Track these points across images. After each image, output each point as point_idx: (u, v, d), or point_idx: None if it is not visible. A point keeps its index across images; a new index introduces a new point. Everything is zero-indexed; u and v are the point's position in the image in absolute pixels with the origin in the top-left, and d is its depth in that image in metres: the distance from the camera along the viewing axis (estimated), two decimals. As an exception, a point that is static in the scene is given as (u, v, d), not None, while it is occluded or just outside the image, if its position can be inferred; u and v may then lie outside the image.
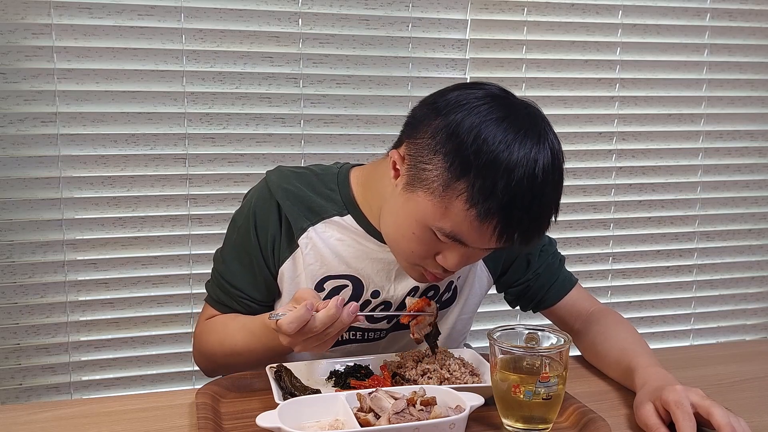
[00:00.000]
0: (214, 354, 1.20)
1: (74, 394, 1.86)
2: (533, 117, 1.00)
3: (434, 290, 1.20)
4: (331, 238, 1.15)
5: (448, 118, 0.97)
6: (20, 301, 1.80)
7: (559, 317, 1.28)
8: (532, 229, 0.98)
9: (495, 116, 0.96)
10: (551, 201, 0.99)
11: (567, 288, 1.27)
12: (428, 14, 2.00)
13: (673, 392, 0.93)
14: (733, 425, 0.88)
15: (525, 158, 0.94)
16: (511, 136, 0.94)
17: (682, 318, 2.37)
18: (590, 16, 2.14)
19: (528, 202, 0.95)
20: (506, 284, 1.29)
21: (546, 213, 0.99)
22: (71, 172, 1.80)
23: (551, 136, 1.00)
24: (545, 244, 1.28)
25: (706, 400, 0.91)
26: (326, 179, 1.18)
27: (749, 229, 2.38)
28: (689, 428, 0.89)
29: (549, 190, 0.98)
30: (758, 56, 2.29)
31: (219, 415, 0.98)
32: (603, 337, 1.17)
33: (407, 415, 0.87)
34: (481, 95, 0.99)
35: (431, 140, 0.98)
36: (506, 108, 0.98)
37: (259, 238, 1.17)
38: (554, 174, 0.98)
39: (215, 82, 1.86)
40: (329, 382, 1.06)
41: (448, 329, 1.25)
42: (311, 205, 1.16)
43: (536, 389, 0.89)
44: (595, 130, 2.20)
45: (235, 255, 1.20)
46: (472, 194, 0.94)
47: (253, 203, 1.19)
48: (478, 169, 0.93)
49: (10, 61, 1.72)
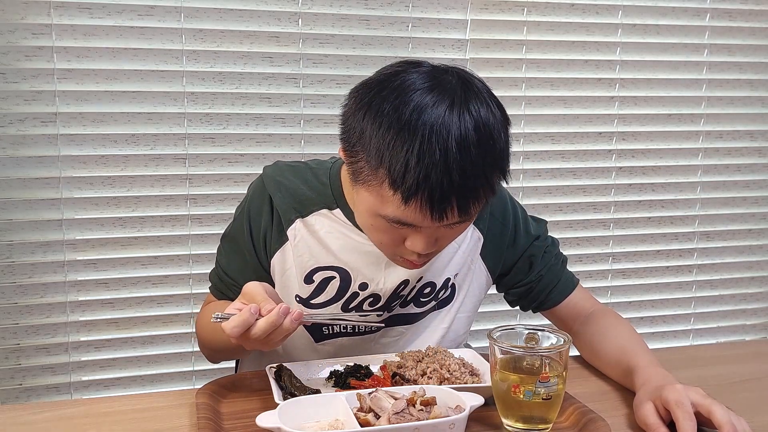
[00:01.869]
0: (204, 339, 1.23)
1: (74, 394, 1.86)
2: (449, 89, 0.95)
3: (431, 287, 1.20)
4: (320, 230, 1.16)
5: (358, 113, 0.98)
6: (20, 301, 1.80)
7: (560, 318, 1.28)
8: (465, 201, 0.95)
9: (403, 98, 0.94)
10: (478, 169, 0.93)
11: (569, 289, 1.27)
12: (428, 14, 2.00)
13: (674, 391, 0.92)
14: (734, 424, 0.88)
15: (432, 132, 0.91)
16: (415, 116, 0.92)
17: (682, 318, 2.37)
18: (590, 16, 2.14)
19: (445, 175, 0.91)
20: (508, 285, 1.29)
21: (476, 182, 0.94)
22: (71, 172, 1.80)
23: (473, 101, 0.95)
24: (548, 245, 1.27)
25: (707, 399, 0.91)
26: (319, 173, 1.20)
27: (749, 229, 2.38)
28: (689, 428, 0.88)
29: (470, 158, 0.92)
30: (758, 56, 2.29)
31: (219, 415, 0.98)
32: (602, 337, 1.17)
33: (407, 415, 0.87)
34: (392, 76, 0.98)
35: (352, 135, 0.99)
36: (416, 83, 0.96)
37: (252, 230, 1.19)
38: (474, 139, 0.93)
39: (215, 82, 1.86)
40: (329, 382, 1.06)
41: (445, 328, 1.25)
42: (302, 198, 1.17)
43: (536, 389, 0.89)
44: (595, 130, 2.20)
45: (229, 246, 1.24)
46: (392, 179, 0.93)
47: (249, 196, 1.22)
48: (390, 154, 0.93)
49: (10, 61, 1.72)
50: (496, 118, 0.97)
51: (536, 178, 2.17)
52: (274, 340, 0.96)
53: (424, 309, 1.23)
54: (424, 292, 1.20)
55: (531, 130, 2.14)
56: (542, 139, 2.16)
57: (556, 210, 2.20)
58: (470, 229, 1.22)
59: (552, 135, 2.17)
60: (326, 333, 1.20)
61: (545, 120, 2.15)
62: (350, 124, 1.00)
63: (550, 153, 2.17)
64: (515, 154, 2.14)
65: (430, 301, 1.22)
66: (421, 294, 1.20)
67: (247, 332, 0.93)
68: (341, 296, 1.17)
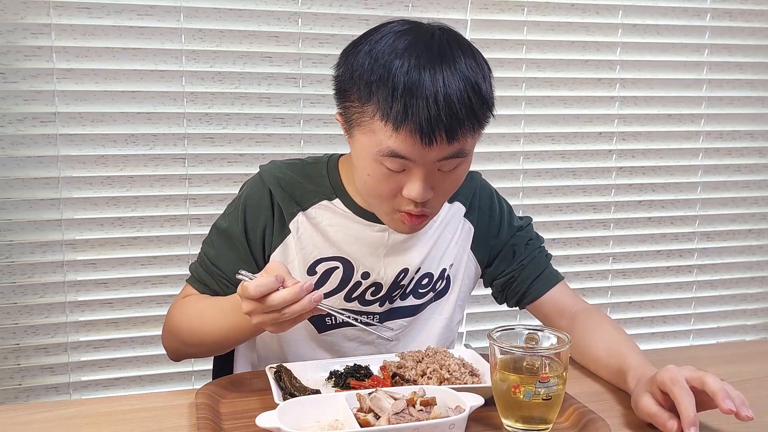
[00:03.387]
0: (180, 331, 1.18)
1: (73, 394, 1.86)
2: (427, 26, 1.07)
3: (428, 278, 1.22)
4: (321, 222, 1.18)
5: (349, 59, 1.05)
6: (19, 301, 1.80)
7: (544, 314, 1.28)
8: (452, 121, 0.98)
9: (386, 37, 1.04)
10: (460, 86, 0.98)
11: (552, 282, 1.27)
12: (428, 14, 1.99)
13: (667, 371, 0.93)
14: (727, 390, 0.88)
15: (412, 51, 0.99)
16: (400, 43, 1.01)
17: (682, 318, 2.37)
18: (590, 16, 2.14)
19: (429, 91, 0.97)
20: (492, 276, 1.31)
21: (458, 100, 0.98)
22: (70, 172, 1.79)
23: (456, 48, 1.03)
24: (531, 238, 1.30)
25: (698, 371, 0.92)
26: (316, 166, 1.22)
27: (749, 229, 2.38)
28: (688, 402, 0.89)
29: (451, 74, 0.98)
30: (758, 56, 2.29)
31: (219, 415, 0.98)
32: (590, 338, 1.17)
33: (407, 415, 0.86)
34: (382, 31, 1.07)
35: (344, 84, 1.05)
36: (396, 30, 1.06)
37: (247, 225, 1.18)
38: (461, 73, 0.99)
39: (215, 82, 1.86)
40: (329, 382, 1.06)
41: (445, 319, 1.27)
42: (302, 191, 1.19)
43: (536, 389, 0.88)
44: (595, 130, 2.20)
45: (221, 239, 1.21)
46: (382, 108, 0.99)
47: (245, 193, 1.21)
48: (377, 84, 0.99)
49: (10, 61, 1.72)
50: (479, 64, 1.03)
51: (536, 178, 2.17)
52: (289, 315, 0.94)
53: (423, 300, 1.24)
54: (422, 283, 1.22)
55: (531, 130, 2.14)
56: (542, 139, 2.16)
57: (556, 210, 2.20)
58: (462, 220, 1.25)
59: (552, 135, 2.17)
60: (329, 324, 1.21)
61: (545, 120, 2.15)
62: (342, 74, 1.06)
63: (550, 153, 2.17)
64: (515, 154, 2.14)
65: (428, 293, 1.24)
66: (419, 285, 1.22)
67: (263, 299, 0.92)
68: (344, 286, 1.19)
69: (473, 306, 2.14)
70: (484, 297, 1.90)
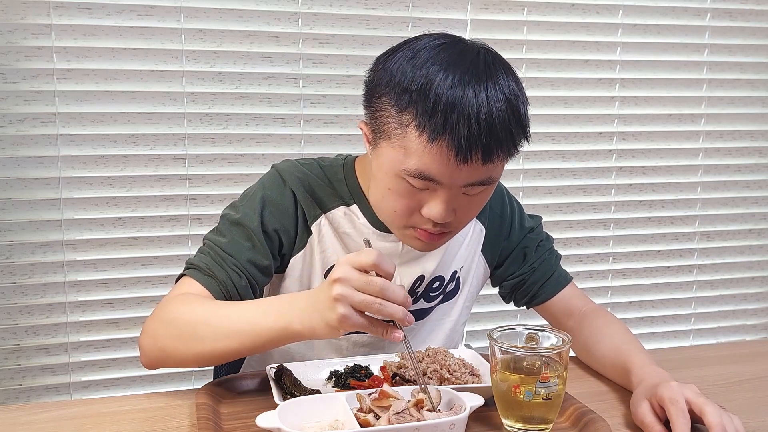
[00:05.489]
0: (183, 331, 1.03)
1: (74, 394, 1.86)
2: (471, 43, 1.02)
3: (439, 281, 1.21)
4: (340, 227, 1.16)
5: (387, 63, 1.01)
6: (20, 301, 1.80)
7: (552, 314, 1.28)
8: (490, 141, 0.96)
9: (429, 48, 0.99)
10: (502, 107, 0.97)
11: (562, 284, 1.27)
12: (428, 14, 2.00)
13: (668, 389, 0.93)
14: (725, 425, 0.88)
15: (457, 65, 0.96)
16: (444, 55, 0.97)
17: (682, 318, 2.37)
18: (590, 16, 2.14)
19: (472, 108, 0.94)
20: (501, 277, 1.30)
21: (499, 122, 0.97)
22: (71, 173, 1.79)
23: (500, 69, 1.01)
24: (542, 240, 1.29)
25: (701, 397, 0.92)
26: (333, 170, 1.19)
27: (749, 229, 2.38)
28: (683, 425, 0.89)
29: (494, 94, 0.96)
30: (758, 56, 2.29)
31: (219, 416, 0.98)
32: (597, 337, 1.17)
33: (407, 415, 0.87)
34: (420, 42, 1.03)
35: (378, 91, 1.01)
36: (439, 42, 1.01)
37: (264, 221, 1.12)
38: (504, 94, 0.98)
39: (215, 82, 1.86)
40: (329, 382, 1.06)
41: (453, 321, 1.27)
42: (322, 194, 1.16)
43: (536, 389, 0.88)
44: (595, 130, 2.20)
45: (232, 227, 1.13)
46: (418, 119, 0.95)
47: (264, 191, 1.15)
48: (418, 93, 0.95)
49: (10, 61, 1.72)
50: (520, 88, 1.03)
51: (536, 178, 2.17)
52: (375, 307, 0.88)
53: (432, 304, 1.24)
54: (433, 286, 1.21)
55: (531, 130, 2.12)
56: (542, 139, 2.16)
57: (556, 210, 2.20)
58: (474, 222, 1.23)
59: (552, 135, 2.17)
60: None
61: (545, 120, 2.15)
62: (375, 78, 1.02)
63: (550, 153, 2.17)
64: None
65: (438, 296, 1.24)
66: (430, 289, 1.22)
67: (372, 275, 0.88)
68: None
69: (473, 306, 2.13)
70: (484, 297, 1.90)
